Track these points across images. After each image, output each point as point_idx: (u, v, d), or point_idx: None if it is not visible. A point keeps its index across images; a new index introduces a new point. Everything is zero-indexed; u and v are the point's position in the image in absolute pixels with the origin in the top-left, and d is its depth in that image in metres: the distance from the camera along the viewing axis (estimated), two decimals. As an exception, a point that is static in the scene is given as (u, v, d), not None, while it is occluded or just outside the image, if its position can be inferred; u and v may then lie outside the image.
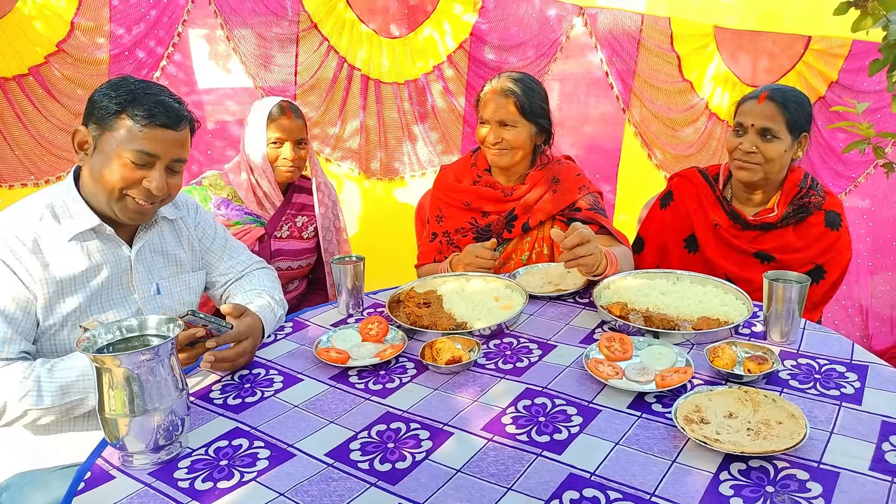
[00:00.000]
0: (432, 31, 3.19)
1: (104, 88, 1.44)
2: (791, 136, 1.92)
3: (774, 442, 1.07)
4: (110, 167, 1.42)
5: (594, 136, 3.54)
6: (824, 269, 1.96)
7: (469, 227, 2.15)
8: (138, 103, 1.41)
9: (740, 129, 1.97)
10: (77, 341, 1.12)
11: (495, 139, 2.04)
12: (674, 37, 3.32)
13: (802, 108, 1.93)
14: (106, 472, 1.12)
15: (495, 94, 2.04)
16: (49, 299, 1.41)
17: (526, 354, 1.48)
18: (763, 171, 1.94)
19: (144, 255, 1.58)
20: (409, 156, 3.34)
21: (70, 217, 1.46)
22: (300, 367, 1.47)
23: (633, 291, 1.72)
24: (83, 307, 1.46)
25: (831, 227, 1.96)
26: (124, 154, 1.42)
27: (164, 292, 1.61)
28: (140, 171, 1.44)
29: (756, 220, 2.00)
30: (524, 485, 1.04)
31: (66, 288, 1.43)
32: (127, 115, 1.41)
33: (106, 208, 1.48)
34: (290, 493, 1.04)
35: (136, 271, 1.56)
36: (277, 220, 2.33)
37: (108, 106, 1.41)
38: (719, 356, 1.35)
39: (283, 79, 3.04)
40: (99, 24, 2.64)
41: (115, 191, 1.44)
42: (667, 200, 2.21)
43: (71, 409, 1.36)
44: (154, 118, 1.42)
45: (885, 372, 1.32)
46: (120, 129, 1.41)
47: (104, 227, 1.48)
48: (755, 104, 1.94)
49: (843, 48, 3.23)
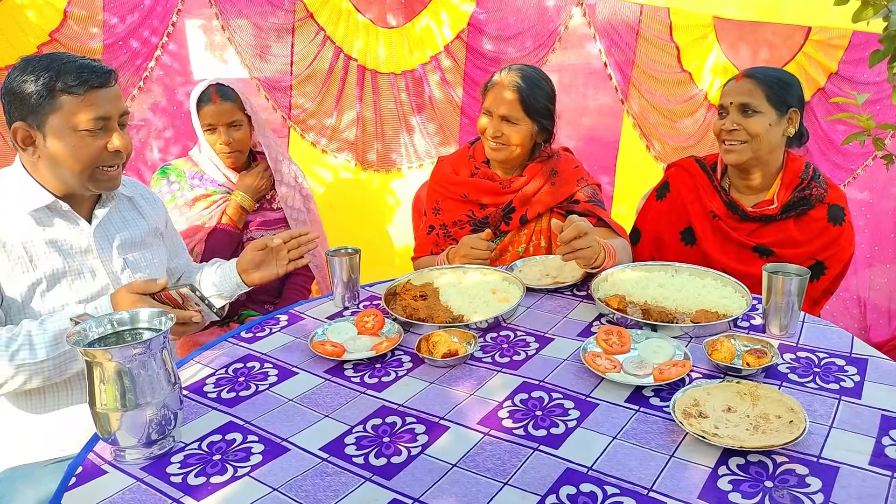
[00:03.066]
0: (430, 20, 3.16)
1: (16, 78, 1.40)
2: (776, 112, 1.89)
3: (773, 436, 1.06)
4: (72, 146, 1.42)
5: (592, 127, 3.51)
6: (825, 266, 1.93)
7: (466, 219, 2.13)
8: (66, 75, 1.39)
9: (723, 110, 1.96)
10: (67, 335, 1.11)
11: (495, 132, 2.02)
12: (673, 27, 3.29)
13: (784, 84, 1.91)
14: (98, 466, 1.11)
15: (502, 86, 2.01)
16: (8, 269, 1.41)
17: (523, 348, 1.47)
18: (750, 150, 1.91)
19: (106, 231, 1.59)
20: (407, 147, 3.31)
21: (23, 196, 1.45)
22: (295, 361, 1.45)
23: (631, 284, 1.71)
24: (48, 279, 1.45)
25: (834, 221, 1.92)
26: (80, 127, 1.41)
27: (131, 265, 1.62)
28: (100, 138, 1.44)
29: (755, 212, 1.96)
30: (521, 479, 1.03)
31: (26, 259, 1.43)
32: (60, 91, 1.39)
33: (77, 187, 1.48)
34: (283, 488, 1.03)
35: (100, 247, 1.56)
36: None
37: (36, 91, 1.38)
38: (718, 349, 1.34)
39: (278, 69, 3.01)
40: (92, 14, 2.61)
41: (86, 167, 1.44)
42: (663, 191, 2.18)
43: (64, 363, 1.36)
44: (88, 82, 1.41)
45: (885, 365, 1.31)
46: (62, 107, 1.40)
47: (59, 204, 1.48)
48: (734, 84, 1.94)
49: (843, 39, 3.20)
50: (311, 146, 3.15)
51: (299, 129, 3.11)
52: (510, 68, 2.05)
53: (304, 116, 3.10)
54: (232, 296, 1.79)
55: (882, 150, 1.77)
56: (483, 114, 2.07)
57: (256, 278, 1.74)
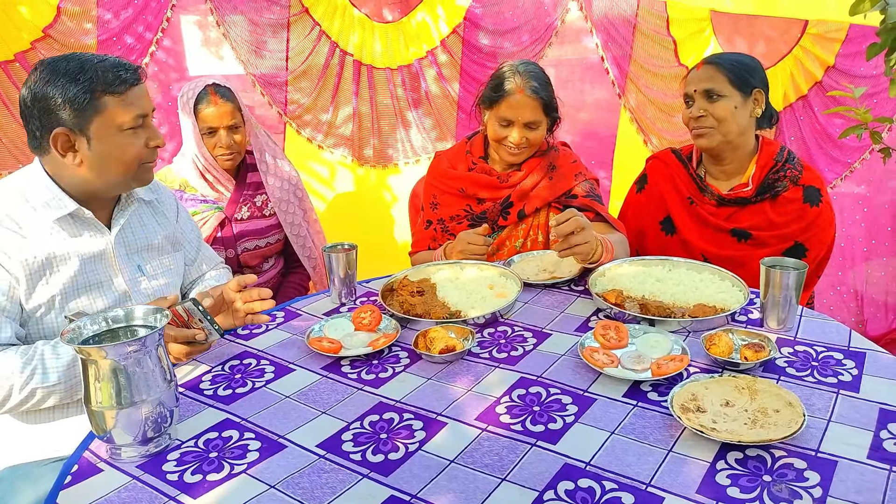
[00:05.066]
0: (425, 15, 3.14)
1: (46, 84, 1.36)
2: (740, 94, 1.91)
3: (772, 430, 1.05)
4: (119, 146, 1.43)
5: (589, 122, 3.50)
6: (805, 247, 1.93)
7: (464, 214, 2.13)
8: (104, 76, 1.39)
9: (689, 98, 2.00)
10: (62, 333, 1.10)
11: (520, 140, 1.99)
12: (670, 21, 3.28)
13: (745, 66, 1.93)
14: (93, 464, 1.10)
15: (523, 95, 1.94)
16: (30, 282, 1.40)
17: (520, 343, 1.46)
18: (720, 134, 1.93)
19: (125, 238, 1.58)
20: (403, 142, 3.30)
21: (46, 203, 1.44)
22: (292, 357, 1.45)
23: (628, 279, 1.71)
24: (67, 290, 1.45)
25: (811, 202, 1.93)
26: (125, 126, 1.42)
27: (147, 273, 1.61)
28: (140, 136, 1.46)
29: (730, 195, 1.98)
30: (518, 475, 1.03)
31: (47, 271, 1.42)
32: (102, 93, 1.39)
33: (121, 187, 1.51)
34: (280, 485, 1.03)
35: (118, 254, 1.55)
36: (235, 202, 2.30)
37: (78, 96, 1.37)
38: (716, 344, 1.33)
39: (274, 65, 2.99)
40: (86, 9, 2.58)
41: (132, 165, 1.46)
42: (642, 184, 2.21)
43: (75, 386, 1.37)
44: (126, 81, 1.42)
45: (883, 359, 1.31)
46: (105, 107, 1.40)
47: (82, 212, 1.47)
48: (696, 72, 1.97)
49: (840, 32, 3.20)
50: (307, 142, 3.13)
51: (295, 125, 3.09)
52: (518, 71, 1.97)
53: (300, 112, 3.08)
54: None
55: (879, 144, 1.77)
56: (500, 124, 1.99)
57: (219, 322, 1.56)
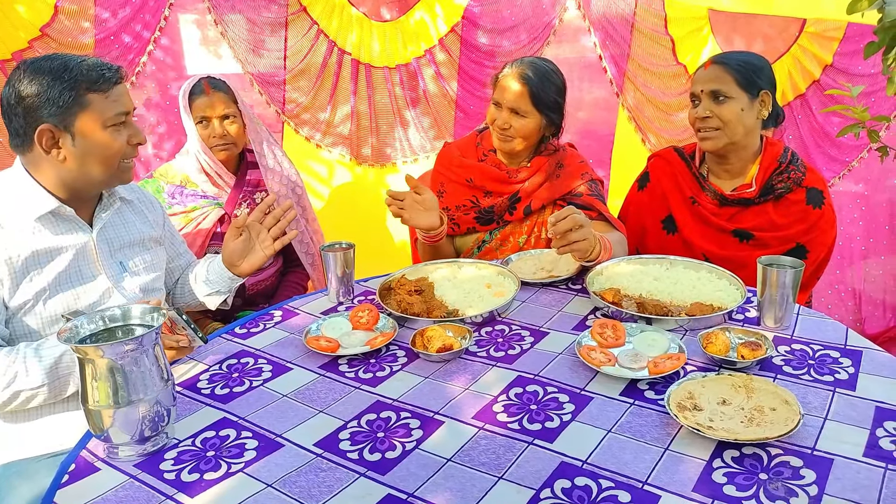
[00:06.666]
0: (423, 14, 3.14)
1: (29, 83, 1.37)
2: (747, 95, 1.89)
3: (768, 429, 1.06)
4: (103, 143, 1.44)
5: (588, 121, 3.50)
6: (807, 249, 1.93)
7: (470, 205, 2.13)
8: (87, 74, 1.41)
9: (695, 98, 1.97)
10: (59, 332, 1.10)
11: (503, 124, 2.01)
12: (668, 20, 3.28)
13: (753, 67, 1.91)
14: (91, 463, 1.10)
15: (512, 78, 2.00)
16: (14, 281, 1.40)
17: (518, 342, 1.46)
18: (726, 136, 1.91)
19: (107, 235, 1.58)
20: (401, 141, 3.30)
21: (27, 201, 1.44)
22: (289, 356, 1.45)
23: (625, 277, 1.71)
24: (50, 288, 1.45)
25: (814, 204, 1.92)
26: (108, 123, 1.44)
27: (129, 270, 1.61)
28: (122, 133, 1.48)
29: (734, 196, 1.97)
30: (515, 473, 1.03)
31: (30, 269, 1.42)
32: (86, 90, 1.40)
33: (103, 183, 1.51)
34: (277, 484, 1.03)
35: (101, 251, 1.55)
36: (235, 198, 2.29)
37: (63, 94, 1.38)
38: (713, 342, 1.33)
39: (272, 64, 2.99)
40: (84, 8, 2.58)
41: (114, 163, 1.48)
42: (644, 182, 2.20)
43: (61, 386, 1.37)
44: (109, 79, 1.44)
45: (880, 357, 1.32)
46: (90, 104, 1.41)
47: (64, 209, 1.48)
48: (703, 71, 1.95)
49: (838, 31, 3.20)
50: (305, 141, 3.13)
51: (293, 124, 3.09)
52: (522, 61, 2.03)
53: (298, 111, 3.08)
54: (230, 289, 1.77)
55: (877, 142, 1.77)
56: (492, 104, 2.06)
57: (246, 268, 1.71)
